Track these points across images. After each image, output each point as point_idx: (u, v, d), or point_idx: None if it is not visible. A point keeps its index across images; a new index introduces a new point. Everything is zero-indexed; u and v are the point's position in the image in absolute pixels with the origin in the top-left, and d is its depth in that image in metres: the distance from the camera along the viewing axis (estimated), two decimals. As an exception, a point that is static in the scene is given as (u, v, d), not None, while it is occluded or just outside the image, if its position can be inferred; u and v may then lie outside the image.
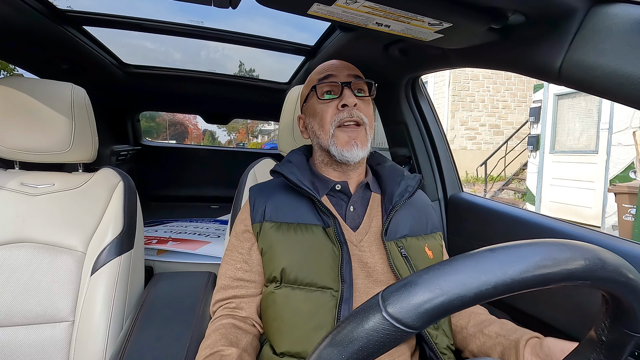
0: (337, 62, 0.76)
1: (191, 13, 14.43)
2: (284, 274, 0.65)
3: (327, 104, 0.71)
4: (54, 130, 0.89)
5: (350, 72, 0.73)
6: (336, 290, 0.63)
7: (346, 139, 0.69)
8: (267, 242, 0.69)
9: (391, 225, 0.70)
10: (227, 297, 0.71)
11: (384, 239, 0.68)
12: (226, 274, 0.72)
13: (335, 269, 0.64)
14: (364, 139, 0.71)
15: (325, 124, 0.71)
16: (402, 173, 0.78)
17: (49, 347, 0.81)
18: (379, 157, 0.85)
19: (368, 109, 0.73)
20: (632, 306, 0.32)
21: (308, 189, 0.69)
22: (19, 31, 1.05)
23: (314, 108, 0.74)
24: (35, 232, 0.85)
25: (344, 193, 0.74)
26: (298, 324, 0.62)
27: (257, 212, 0.72)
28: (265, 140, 25.15)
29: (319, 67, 0.78)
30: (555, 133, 6.04)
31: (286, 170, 0.71)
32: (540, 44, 0.60)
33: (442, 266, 0.28)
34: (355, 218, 0.72)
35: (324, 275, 0.64)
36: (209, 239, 1.76)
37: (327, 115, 0.71)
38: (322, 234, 0.68)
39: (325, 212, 0.68)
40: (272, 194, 0.74)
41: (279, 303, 0.65)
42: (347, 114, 0.69)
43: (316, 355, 0.28)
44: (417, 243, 0.72)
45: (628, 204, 4.08)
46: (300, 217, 0.70)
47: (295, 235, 0.68)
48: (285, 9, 0.57)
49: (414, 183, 0.75)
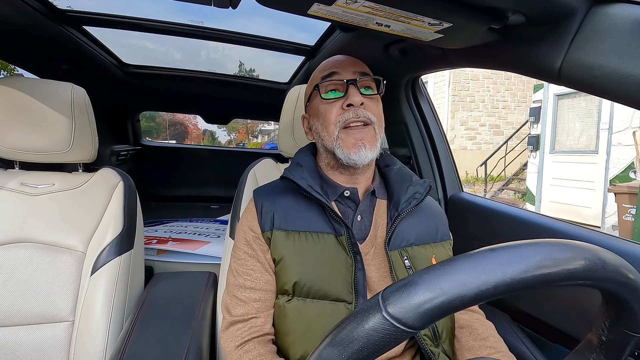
0: (342, 57, 0.70)
1: (191, 13, 14.42)
2: (296, 287, 0.62)
3: (331, 104, 0.66)
4: (54, 130, 0.89)
5: (356, 68, 0.68)
6: (349, 303, 0.61)
7: (352, 141, 0.64)
8: (279, 253, 0.65)
9: (395, 234, 0.66)
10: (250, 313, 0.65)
11: (386, 248, 0.65)
12: (245, 284, 0.66)
13: (349, 279, 0.62)
14: (372, 139, 0.65)
15: (329, 125, 0.66)
16: (411, 178, 0.72)
17: (49, 347, 0.81)
18: (388, 158, 0.79)
19: (377, 107, 0.68)
20: (632, 306, 0.32)
21: (320, 195, 0.64)
22: (19, 31, 1.05)
23: (317, 108, 0.69)
24: (35, 232, 0.85)
25: (353, 200, 0.70)
26: (311, 337, 0.61)
27: (266, 219, 0.67)
28: (265, 140, 25.15)
29: (322, 63, 0.72)
30: (555, 133, 6.04)
31: (297, 176, 0.67)
32: (540, 44, 0.60)
33: (442, 266, 0.28)
34: (363, 229, 0.69)
35: (337, 286, 0.62)
36: (209, 239, 1.76)
37: (331, 116, 0.65)
38: (334, 242, 0.64)
39: (336, 220, 0.64)
40: (279, 198, 0.70)
41: (291, 317, 0.62)
42: (352, 114, 0.64)
43: (316, 355, 0.28)
44: (424, 252, 0.68)
45: (628, 204, 4.08)
46: (311, 225, 0.66)
47: (307, 243, 0.64)
48: (285, 9, 0.57)
49: (422, 190, 0.69)
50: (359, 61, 0.71)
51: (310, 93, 0.73)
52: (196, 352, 0.72)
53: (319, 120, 0.69)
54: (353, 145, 0.64)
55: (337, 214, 0.64)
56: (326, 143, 0.68)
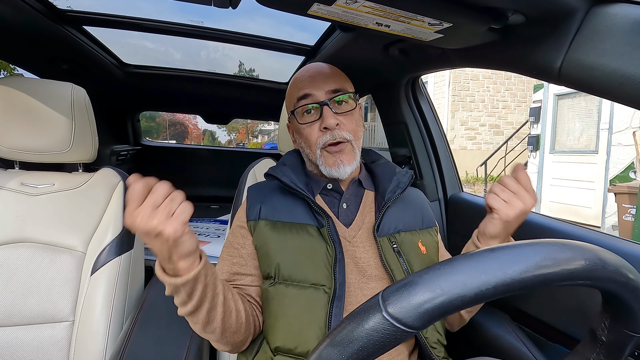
0: (315, 73, 0.74)
1: (191, 13, 14.44)
2: (278, 270, 0.66)
3: (309, 126, 0.72)
4: (54, 130, 0.89)
5: (329, 86, 0.72)
6: (329, 287, 0.64)
7: (332, 160, 0.71)
8: (263, 240, 0.70)
9: (384, 221, 0.72)
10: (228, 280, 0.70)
11: (375, 234, 0.69)
12: (223, 269, 0.72)
13: (329, 267, 0.66)
14: (350, 154, 0.72)
15: (311, 146, 0.73)
16: (395, 170, 0.79)
17: (49, 347, 0.81)
18: (373, 154, 0.86)
19: (351, 123, 0.73)
20: (632, 306, 0.32)
21: (302, 190, 0.70)
22: (19, 31, 1.05)
23: (297, 127, 0.75)
24: (35, 232, 0.85)
25: (336, 191, 0.76)
26: (291, 320, 0.63)
27: (253, 210, 0.73)
28: (265, 140, 25.16)
29: (296, 78, 0.76)
30: (555, 133, 6.04)
31: (280, 173, 0.73)
32: (540, 44, 0.60)
33: (442, 266, 0.28)
34: (349, 215, 0.74)
35: (317, 273, 0.65)
36: (209, 239, 1.76)
37: (312, 138, 0.72)
38: (316, 233, 0.69)
39: (319, 213, 0.69)
40: (269, 194, 0.76)
41: (273, 300, 0.66)
42: (329, 136, 0.70)
43: (316, 355, 0.28)
44: (411, 238, 0.73)
45: (628, 204, 4.07)
46: (295, 217, 0.71)
47: (290, 234, 0.69)
48: (285, 9, 0.57)
49: (405, 179, 0.76)
50: (334, 74, 0.75)
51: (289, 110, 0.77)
52: (196, 352, 0.72)
53: (301, 138, 0.76)
54: (333, 163, 0.71)
55: (319, 207, 0.69)
56: (311, 157, 0.75)
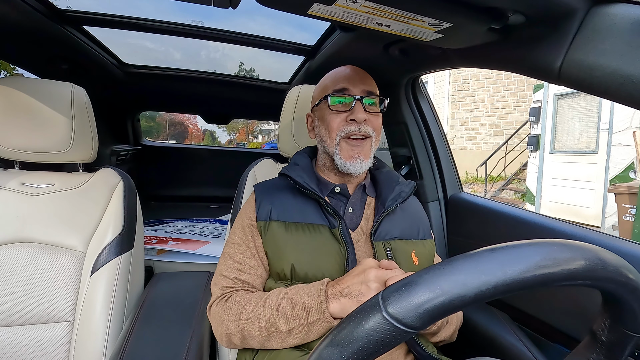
0: (354, 73, 0.76)
1: (191, 13, 14.42)
2: (294, 270, 0.67)
3: (337, 114, 0.73)
4: (54, 130, 0.89)
5: (365, 87, 0.74)
6: None
7: (350, 153, 0.72)
8: (275, 241, 0.70)
9: (381, 227, 0.73)
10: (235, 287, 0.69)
11: (372, 238, 0.71)
12: (233, 265, 0.71)
13: (342, 266, 0.67)
14: (368, 152, 0.74)
15: (332, 133, 0.73)
16: (398, 179, 0.81)
17: (49, 347, 0.81)
18: (378, 162, 0.88)
19: (377, 123, 0.75)
20: (632, 306, 0.32)
21: (314, 190, 0.71)
22: (19, 31, 1.05)
23: (323, 114, 0.76)
24: (35, 232, 0.85)
25: (343, 195, 0.77)
26: None
27: (263, 210, 0.73)
28: (265, 140, 25.14)
29: (334, 73, 0.78)
30: (555, 133, 6.04)
31: (294, 174, 0.74)
32: (540, 44, 0.60)
33: (442, 266, 0.28)
34: (354, 219, 0.76)
35: (332, 272, 0.66)
36: (209, 239, 1.76)
37: (335, 125, 0.73)
38: (328, 233, 0.70)
39: (331, 213, 0.70)
40: (278, 194, 0.76)
41: None
42: (354, 127, 0.71)
43: (316, 355, 0.28)
44: (404, 247, 0.74)
45: (628, 204, 4.08)
46: (307, 218, 0.72)
47: (303, 234, 0.70)
48: (285, 9, 0.57)
49: (407, 189, 0.78)
50: (369, 78, 0.78)
51: (319, 98, 0.79)
52: (196, 352, 0.72)
53: (323, 124, 0.76)
54: (350, 156, 0.72)
55: (331, 207, 0.70)
56: (327, 146, 0.76)
